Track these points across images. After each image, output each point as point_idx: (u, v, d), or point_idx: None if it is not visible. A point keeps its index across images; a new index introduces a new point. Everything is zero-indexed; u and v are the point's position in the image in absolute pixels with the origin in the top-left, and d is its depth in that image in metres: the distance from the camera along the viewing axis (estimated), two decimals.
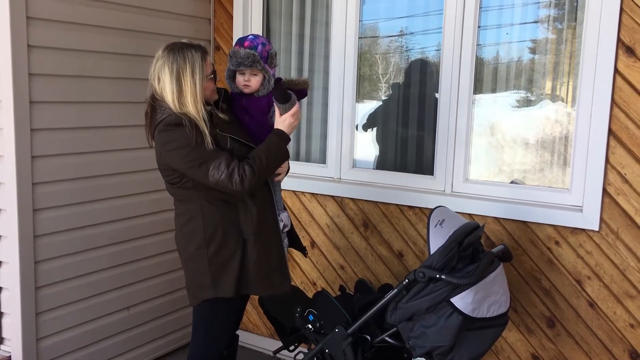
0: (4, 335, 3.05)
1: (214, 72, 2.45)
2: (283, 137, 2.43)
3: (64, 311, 3.11)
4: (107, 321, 3.34)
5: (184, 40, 2.40)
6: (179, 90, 2.30)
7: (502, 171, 3.19)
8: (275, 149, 2.41)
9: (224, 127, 2.40)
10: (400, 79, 3.53)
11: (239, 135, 2.43)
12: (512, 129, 3.18)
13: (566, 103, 3.01)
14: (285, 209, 2.71)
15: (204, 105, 2.33)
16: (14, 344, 2.98)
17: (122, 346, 3.44)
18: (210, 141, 2.28)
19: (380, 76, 3.63)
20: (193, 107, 2.29)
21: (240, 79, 2.52)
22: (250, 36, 2.52)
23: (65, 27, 2.96)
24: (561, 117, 3.01)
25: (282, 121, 2.45)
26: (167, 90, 2.31)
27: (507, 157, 3.17)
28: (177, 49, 2.33)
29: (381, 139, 3.59)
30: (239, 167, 2.29)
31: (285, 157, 2.47)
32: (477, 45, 3.09)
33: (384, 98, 3.60)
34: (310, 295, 3.14)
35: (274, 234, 2.53)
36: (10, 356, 3.00)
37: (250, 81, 2.49)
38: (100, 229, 3.24)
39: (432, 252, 2.35)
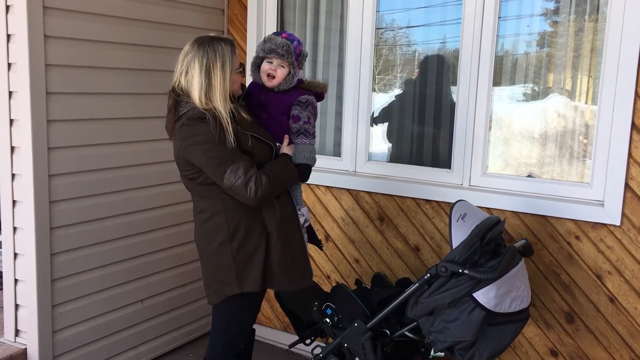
0: (19, 327, 3.05)
1: (241, 65, 2.43)
2: (302, 173, 2.51)
3: (79, 303, 3.10)
4: (122, 313, 3.33)
5: (212, 34, 2.37)
6: (208, 84, 2.28)
7: (519, 165, 3.16)
8: (291, 171, 2.46)
9: (245, 124, 2.38)
10: (417, 71, 3.49)
11: (260, 134, 2.41)
12: (529, 122, 3.15)
13: (587, 96, 2.98)
14: (304, 204, 2.69)
15: (229, 102, 2.32)
16: (30, 336, 2.97)
17: (137, 338, 3.43)
18: (232, 140, 2.25)
19: (396, 68, 3.60)
20: (220, 102, 2.28)
21: (265, 67, 2.46)
22: (286, 31, 2.54)
23: (81, 17, 2.94)
24: (581, 111, 2.97)
25: (289, 149, 2.52)
26: (194, 84, 2.28)
27: (524, 150, 3.14)
28: (207, 43, 2.30)
29: (397, 132, 3.56)
30: (257, 176, 2.28)
31: (296, 181, 2.53)
32: (497, 36, 3.05)
33: (399, 90, 3.57)
34: (325, 288, 3.12)
35: (295, 229, 2.51)
36: (26, 348, 3.00)
37: (276, 71, 2.45)
38: (116, 221, 3.23)
39: (454, 247, 2.33)
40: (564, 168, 3.02)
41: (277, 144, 2.48)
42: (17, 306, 3.03)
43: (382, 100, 3.59)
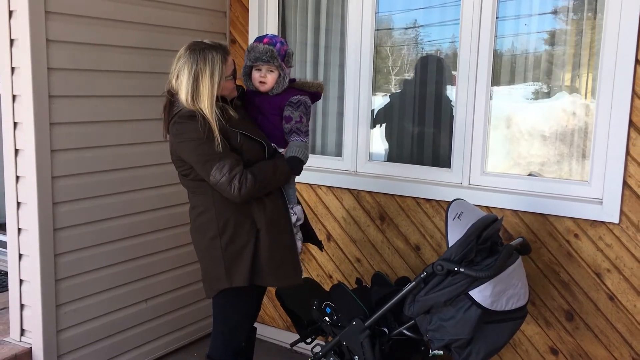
0: (24, 327, 3.09)
1: (234, 71, 2.46)
2: (292, 166, 2.49)
3: (83, 303, 3.14)
4: (126, 313, 3.37)
5: (206, 40, 2.41)
6: (196, 90, 2.31)
7: (519, 164, 3.16)
8: (282, 171, 2.46)
9: (235, 122, 2.42)
10: (416, 71, 3.50)
11: (249, 131, 2.44)
12: (530, 121, 3.15)
13: (585, 95, 2.98)
14: (298, 202, 2.71)
15: (216, 103, 2.35)
16: (35, 335, 3.02)
17: (141, 338, 3.47)
18: (219, 142, 2.29)
19: (396, 69, 3.61)
20: (207, 108, 2.31)
21: (256, 75, 2.53)
22: (269, 34, 2.55)
23: (83, 21, 2.98)
24: (580, 109, 2.97)
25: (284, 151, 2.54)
26: (182, 89, 2.33)
27: (525, 149, 3.15)
28: (199, 50, 2.33)
29: (397, 132, 3.57)
30: (242, 174, 2.31)
31: (287, 181, 2.53)
32: (495, 36, 3.06)
33: (399, 91, 3.58)
34: (326, 288, 3.14)
35: (286, 227, 2.54)
36: (31, 348, 3.04)
37: (266, 77, 2.50)
38: (119, 222, 3.27)
39: (450, 245, 2.35)
40: (565, 166, 3.02)
41: (272, 145, 2.51)
42: (22, 306, 3.08)
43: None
